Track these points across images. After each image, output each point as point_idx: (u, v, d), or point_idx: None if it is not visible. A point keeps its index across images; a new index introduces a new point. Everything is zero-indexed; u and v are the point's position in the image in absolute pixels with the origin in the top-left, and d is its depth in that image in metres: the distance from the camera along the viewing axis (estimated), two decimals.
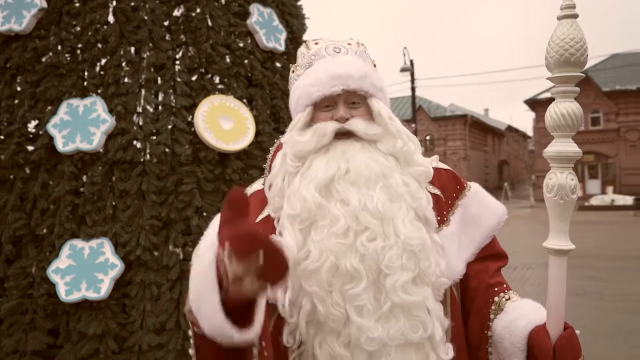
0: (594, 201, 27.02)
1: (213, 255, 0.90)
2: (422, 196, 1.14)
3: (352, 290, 1.04)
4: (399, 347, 1.05)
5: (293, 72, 1.29)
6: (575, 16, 1.00)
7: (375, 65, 1.27)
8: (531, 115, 37.63)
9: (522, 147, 42.15)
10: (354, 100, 1.19)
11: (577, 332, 1.09)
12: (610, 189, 30.12)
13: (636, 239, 13.89)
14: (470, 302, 1.26)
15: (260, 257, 0.82)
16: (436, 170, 1.25)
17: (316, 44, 1.26)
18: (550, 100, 1.06)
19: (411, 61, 21.29)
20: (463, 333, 1.23)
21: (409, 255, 1.06)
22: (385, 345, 1.04)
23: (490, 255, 1.30)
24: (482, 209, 1.30)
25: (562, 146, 1.03)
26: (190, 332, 1.03)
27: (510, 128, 45.32)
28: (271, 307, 1.09)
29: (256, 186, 1.31)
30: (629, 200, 26.17)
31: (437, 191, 1.24)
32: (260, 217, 1.22)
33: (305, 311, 1.07)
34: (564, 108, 1.01)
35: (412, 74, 21.57)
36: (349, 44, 1.26)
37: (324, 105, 1.19)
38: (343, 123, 1.16)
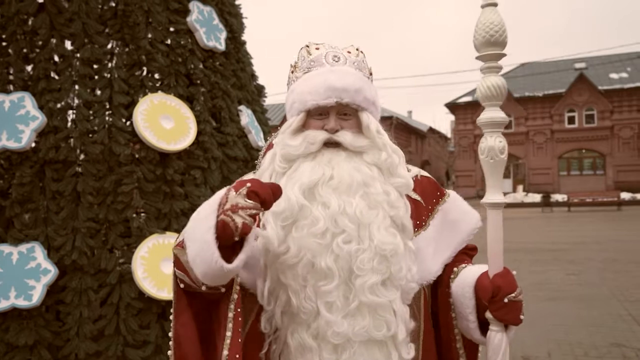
0: (507, 199, 28.70)
1: (216, 205, 1.03)
2: (401, 205, 1.22)
3: (324, 287, 1.12)
4: (363, 343, 1.13)
5: (292, 72, 1.32)
6: (495, 4, 1.17)
7: (371, 74, 1.33)
8: (451, 117, 39.73)
9: (442, 148, 44.25)
10: (346, 111, 1.24)
11: (514, 272, 1.22)
12: (520, 187, 32.52)
13: (546, 232, 15.13)
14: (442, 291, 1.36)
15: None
16: (417, 177, 1.35)
17: (317, 49, 1.29)
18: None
19: None
20: (432, 334, 1.33)
21: (380, 259, 1.14)
22: (349, 340, 1.13)
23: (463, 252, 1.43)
24: (460, 215, 1.42)
25: (492, 113, 1.19)
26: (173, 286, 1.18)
27: (432, 130, 47.41)
28: (254, 297, 1.20)
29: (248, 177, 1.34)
30: (537, 197, 28.47)
31: (417, 197, 1.34)
32: None
33: (281, 301, 1.16)
34: (491, 82, 1.18)
35: None
36: (348, 52, 1.30)
37: (317, 113, 1.24)
38: (332, 134, 1.22)
